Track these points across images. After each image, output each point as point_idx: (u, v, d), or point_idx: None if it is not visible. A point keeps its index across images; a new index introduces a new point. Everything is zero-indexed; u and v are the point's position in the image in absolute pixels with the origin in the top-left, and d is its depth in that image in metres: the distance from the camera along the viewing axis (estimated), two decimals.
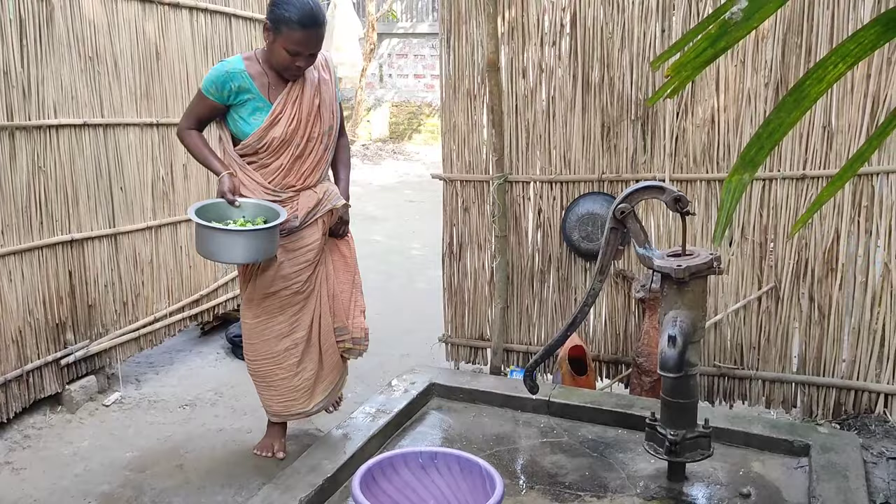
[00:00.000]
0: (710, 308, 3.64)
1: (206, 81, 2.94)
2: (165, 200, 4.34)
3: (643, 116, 3.74)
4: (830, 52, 1.14)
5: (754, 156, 1.30)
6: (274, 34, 2.82)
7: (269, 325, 3.12)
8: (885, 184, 3.28)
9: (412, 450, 2.43)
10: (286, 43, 2.79)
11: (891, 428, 3.30)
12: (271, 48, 2.85)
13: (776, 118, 1.26)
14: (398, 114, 16.89)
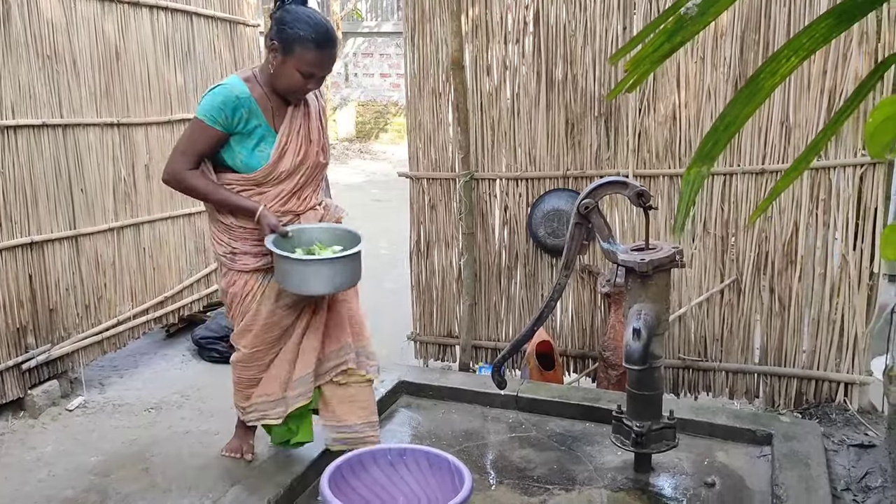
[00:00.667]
0: (674, 302, 3.69)
1: (210, 109, 2.56)
2: (127, 201, 4.28)
3: (606, 113, 3.78)
4: (784, 46, 1.16)
5: (711, 149, 1.32)
6: (284, 55, 2.55)
7: (268, 355, 2.85)
8: (842, 177, 3.35)
9: (381, 447, 2.43)
10: (299, 64, 2.54)
11: (851, 416, 3.38)
12: (280, 70, 2.57)
13: (731, 112, 1.28)
14: (364, 113, 16.84)
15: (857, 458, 2.99)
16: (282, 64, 2.56)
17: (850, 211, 3.36)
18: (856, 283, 3.39)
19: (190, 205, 4.76)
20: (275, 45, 2.55)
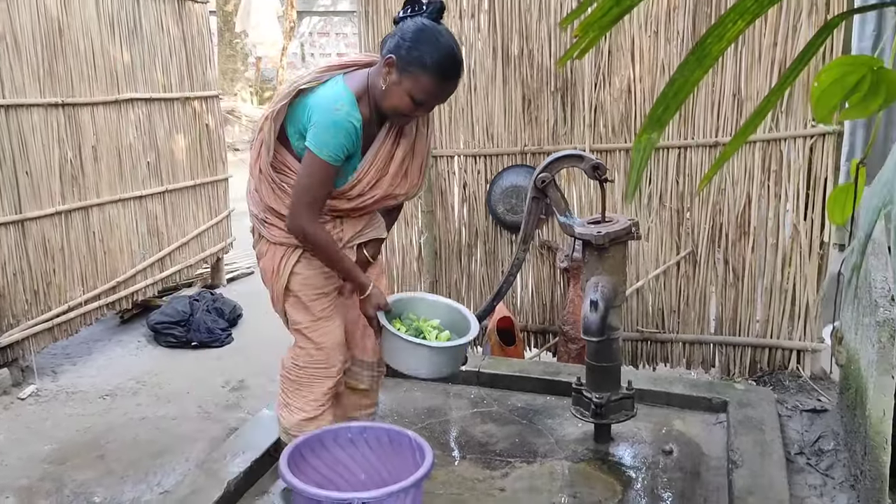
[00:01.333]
0: (631, 275, 3.73)
1: (335, 148, 2.19)
2: (75, 184, 4.16)
3: (563, 88, 3.77)
4: (730, 10, 1.16)
5: (661, 115, 1.32)
6: (400, 74, 2.17)
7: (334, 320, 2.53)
8: (793, 148, 3.40)
9: (341, 425, 2.41)
10: (414, 89, 2.18)
11: (804, 383, 3.46)
12: (391, 89, 2.20)
13: (680, 77, 1.28)
14: None
15: (809, 422, 3.06)
16: (395, 84, 2.19)
17: (801, 181, 3.41)
18: (807, 253, 3.45)
19: (140, 186, 4.67)
20: (392, 59, 2.17)
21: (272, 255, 2.42)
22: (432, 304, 2.58)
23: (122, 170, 4.53)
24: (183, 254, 5.15)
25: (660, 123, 1.33)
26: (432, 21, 2.20)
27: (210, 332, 4.61)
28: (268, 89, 15.76)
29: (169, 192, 4.97)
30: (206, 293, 5.11)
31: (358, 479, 2.38)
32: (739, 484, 2.46)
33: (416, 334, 2.42)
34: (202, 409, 3.61)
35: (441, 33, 2.20)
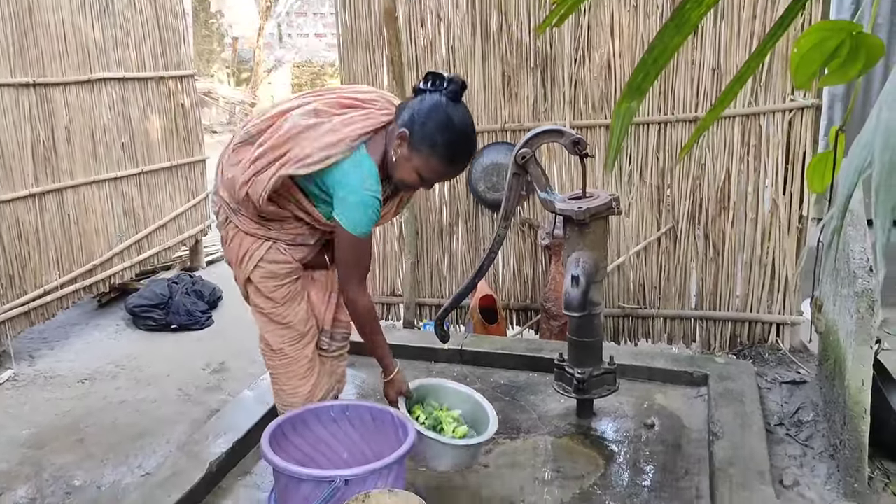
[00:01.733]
0: (612, 251, 3.73)
1: (367, 224, 2.17)
2: (48, 165, 4.09)
3: (542, 64, 3.75)
4: None
5: (641, 82, 1.30)
6: (411, 150, 2.14)
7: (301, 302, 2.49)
8: (772, 122, 3.41)
9: (323, 404, 2.40)
10: (423, 168, 2.16)
11: (783, 356, 3.49)
12: (401, 162, 2.17)
13: (660, 44, 1.26)
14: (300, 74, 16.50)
15: (789, 394, 3.09)
16: (405, 159, 2.17)
17: (780, 156, 3.42)
18: (786, 227, 3.47)
19: (115, 168, 4.60)
20: (405, 134, 2.13)
21: (238, 243, 2.37)
22: (454, 392, 2.57)
23: (96, 151, 4.46)
24: (160, 236, 5.09)
25: (640, 91, 1.31)
26: (451, 100, 2.15)
27: (190, 314, 4.57)
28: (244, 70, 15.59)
29: (145, 174, 4.90)
30: (185, 276, 5.06)
31: (340, 457, 2.37)
32: (720, 455, 2.48)
33: (435, 424, 2.41)
34: (182, 392, 3.58)
35: (457, 116, 2.15)
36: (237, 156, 2.27)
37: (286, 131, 2.14)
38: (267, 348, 2.48)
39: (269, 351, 2.48)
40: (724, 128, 3.50)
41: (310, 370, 2.50)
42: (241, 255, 2.37)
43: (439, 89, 2.16)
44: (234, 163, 2.28)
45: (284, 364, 2.47)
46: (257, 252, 2.34)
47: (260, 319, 2.46)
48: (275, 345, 2.45)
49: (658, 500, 2.38)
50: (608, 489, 2.46)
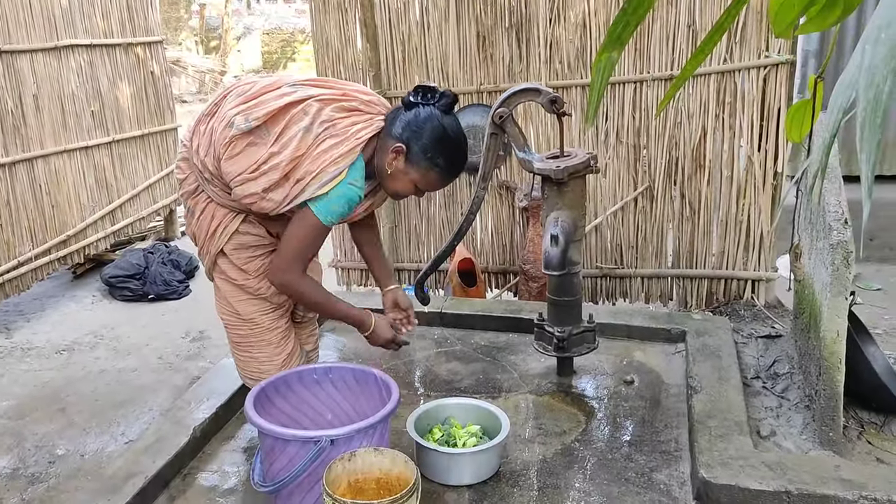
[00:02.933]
0: (590, 212, 3.75)
1: (338, 215, 2.18)
2: (17, 135, 4.01)
3: (517, 24, 3.72)
4: None
5: (621, 33, 1.29)
6: (409, 165, 2.18)
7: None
8: (747, 79, 3.42)
9: (306, 367, 2.40)
10: (421, 182, 2.22)
11: (758, 311, 3.54)
12: (397, 175, 2.21)
13: None
14: (270, 42, 16.24)
15: (765, 348, 3.14)
16: (402, 172, 2.20)
17: (755, 113, 3.44)
18: (761, 184, 3.50)
19: (86, 137, 4.52)
20: (402, 149, 2.15)
21: (211, 214, 2.32)
22: (462, 406, 2.52)
23: (65, 119, 4.38)
24: (134, 206, 5.03)
25: (619, 42, 1.30)
26: (444, 112, 2.18)
27: (167, 284, 4.53)
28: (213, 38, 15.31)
29: (116, 143, 4.83)
30: (160, 246, 5.01)
31: (324, 418, 2.38)
32: (699, 408, 2.53)
33: (449, 440, 2.37)
34: (163, 360, 3.57)
35: (453, 130, 2.19)
36: (234, 148, 2.15)
37: (295, 150, 2.10)
38: (236, 318, 2.43)
39: (239, 321, 2.43)
40: (699, 86, 3.51)
41: (285, 339, 2.49)
42: (213, 228, 2.33)
43: (431, 102, 2.18)
44: (231, 155, 2.16)
45: (257, 333, 2.44)
46: (231, 224, 2.31)
47: (230, 290, 2.40)
48: (246, 314, 2.41)
49: (638, 453, 2.42)
50: (590, 444, 2.50)
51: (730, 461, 2.20)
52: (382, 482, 1.95)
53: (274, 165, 2.11)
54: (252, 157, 2.13)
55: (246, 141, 2.13)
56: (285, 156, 2.10)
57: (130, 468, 2.32)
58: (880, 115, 0.69)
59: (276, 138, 2.13)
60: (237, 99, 2.20)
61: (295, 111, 2.14)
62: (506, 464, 2.38)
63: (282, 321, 2.48)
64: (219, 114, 2.23)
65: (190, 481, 2.39)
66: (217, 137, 2.18)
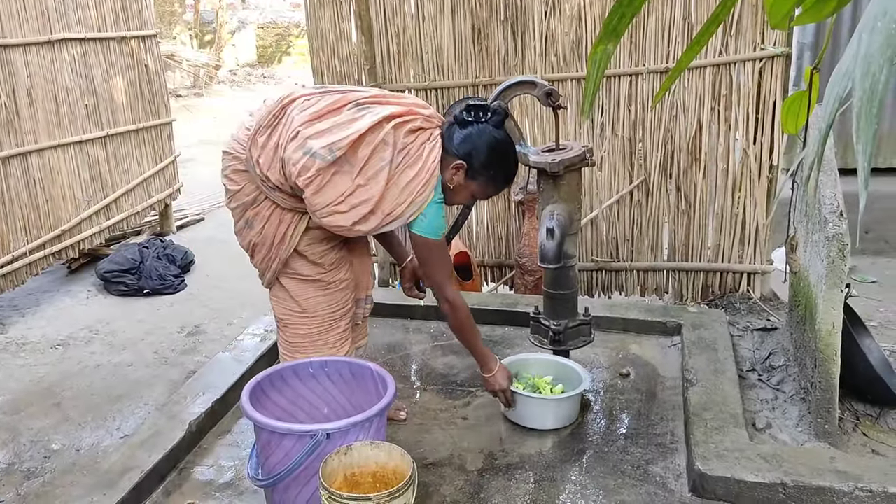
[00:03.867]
0: (585, 205, 3.75)
1: (440, 227, 2.29)
2: (11, 129, 3.99)
3: (513, 17, 3.71)
4: None
5: (616, 24, 1.29)
6: (469, 179, 2.30)
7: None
8: (742, 72, 3.42)
9: (301, 361, 2.39)
10: (480, 193, 2.37)
11: (754, 304, 3.55)
12: (459, 189, 2.31)
13: None
14: (265, 36, 16.19)
15: (760, 340, 3.15)
16: (463, 186, 2.32)
17: (751, 106, 3.44)
18: (756, 177, 3.50)
19: (80, 131, 4.50)
20: (462, 165, 2.26)
21: (278, 220, 2.29)
22: (543, 361, 2.77)
23: (59, 114, 4.36)
24: (129, 200, 5.01)
25: (615, 34, 1.30)
26: (496, 128, 2.30)
27: (162, 278, 4.52)
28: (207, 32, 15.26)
29: (110, 137, 4.81)
30: (155, 240, 5.00)
31: (321, 412, 2.38)
32: (694, 401, 2.53)
33: (533, 391, 2.61)
34: (159, 355, 3.56)
35: (507, 146, 2.34)
36: (322, 180, 2.12)
37: (383, 185, 2.14)
38: (299, 317, 2.40)
39: (303, 319, 2.39)
40: (694, 78, 3.51)
41: (342, 340, 2.47)
42: (283, 232, 2.30)
43: (482, 120, 2.29)
44: (318, 187, 2.14)
45: (317, 333, 2.42)
46: (301, 224, 2.30)
47: (300, 287, 2.37)
48: (312, 310, 2.39)
49: (634, 445, 2.43)
50: (586, 437, 2.50)
51: (725, 453, 2.20)
52: (379, 476, 1.95)
53: (364, 200, 2.15)
54: (339, 187, 2.14)
55: (332, 171, 2.12)
56: (374, 192, 2.14)
57: (126, 463, 2.32)
58: (876, 104, 0.69)
59: (361, 170, 2.14)
60: (303, 115, 2.17)
61: (373, 138, 2.14)
62: (502, 456, 2.38)
63: (343, 322, 2.47)
64: (282, 128, 2.19)
65: (186, 475, 2.39)
66: (290, 157, 2.13)
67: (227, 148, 2.33)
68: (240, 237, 2.38)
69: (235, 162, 2.29)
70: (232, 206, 2.35)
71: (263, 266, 2.37)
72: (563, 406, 2.57)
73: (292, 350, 2.45)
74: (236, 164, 2.29)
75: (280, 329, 2.46)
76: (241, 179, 2.29)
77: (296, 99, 2.24)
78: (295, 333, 2.42)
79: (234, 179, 2.30)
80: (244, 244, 2.37)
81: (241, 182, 2.29)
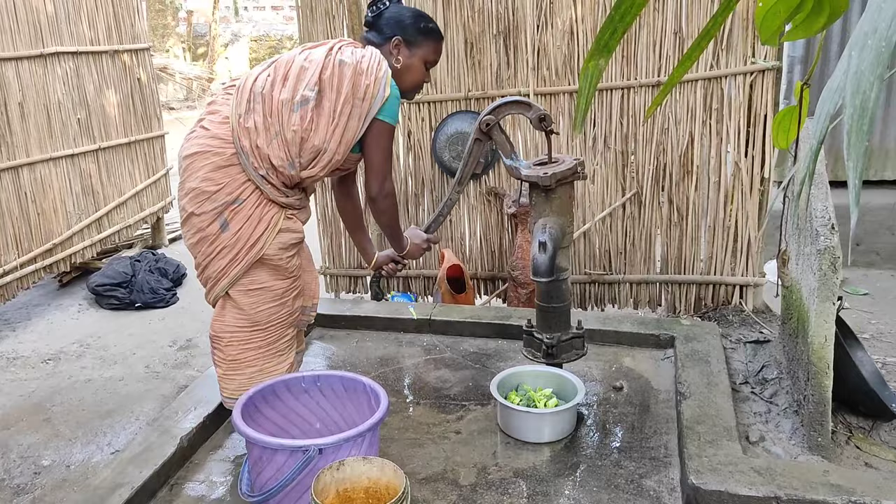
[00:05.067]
0: (578, 218, 3.76)
1: (396, 113, 2.46)
2: (2, 143, 3.97)
3: (505, 31, 3.73)
4: None
5: (608, 40, 1.30)
6: (412, 48, 2.52)
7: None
8: (733, 85, 3.44)
9: (294, 375, 2.38)
10: (426, 53, 2.55)
11: (746, 316, 3.55)
12: (408, 64, 2.52)
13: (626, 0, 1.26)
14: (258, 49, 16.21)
15: (753, 353, 3.15)
16: (410, 58, 2.53)
17: (742, 119, 3.46)
18: (748, 190, 3.52)
19: (72, 145, 4.49)
20: (399, 40, 2.50)
21: (258, 219, 2.33)
22: (538, 373, 2.77)
23: (51, 127, 4.35)
24: (121, 214, 5.00)
25: (607, 49, 1.31)
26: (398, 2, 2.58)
27: (154, 292, 4.50)
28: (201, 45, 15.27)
29: (102, 150, 4.80)
30: (147, 253, 4.98)
31: (313, 427, 2.37)
32: (688, 414, 2.53)
33: (529, 403, 2.63)
34: (150, 369, 3.54)
35: (415, 9, 2.61)
36: (311, 122, 2.31)
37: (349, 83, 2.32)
38: (248, 332, 2.40)
39: (252, 333, 2.40)
40: (686, 92, 3.52)
41: (289, 347, 2.51)
42: (259, 234, 2.33)
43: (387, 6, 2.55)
44: (310, 130, 2.32)
45: (269, 343, 2.44)
46: (279, 221, 2.37)
47: (254, 299, 2.38)
48: (262, 321, 2.40)
49: (628, 459, 2.42)
50: (579, 450, 2.49)
51: (719, 467, 2.20)
52: (371, 491, 1.93)
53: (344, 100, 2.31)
54: (325, 117, 2.32)
55: (319, 102, 2.31)
56: (346, 88, 2.32)
57: (117, 479, 2.30)
58: (867, 121, 0.69)
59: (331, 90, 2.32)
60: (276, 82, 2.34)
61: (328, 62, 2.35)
62: (496, 471, 2.37)
63: (290, 330, 2.52)
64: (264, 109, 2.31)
65: (177, 491, 2.36)
66: (288, 121, 2.30)
67: (200, 148, 2.33)
68: (202, 245, 2.37)
69: (216, 159, 2.31)
70: (202, 211, 2.32)
71: (221, 274, 2.37)
72: (557, 419, 2.56)
73: (239, 367, 2.43)
74: (217, 161, 2.30)
75: (220, 348, 2.44)
76: (222, 177, 2.30)
77: (256, 79, 2.37)
78: (245, 348, 2.42)
79: (213, 178, 2.30)
80: (207, 250, 2.36)
81: (221, 180, 2.31)
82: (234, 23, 16.56)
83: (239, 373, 2.44)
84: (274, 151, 2.30)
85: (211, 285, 2.42)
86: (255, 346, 2.43)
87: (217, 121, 2.35)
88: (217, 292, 2.41)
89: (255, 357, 2.43)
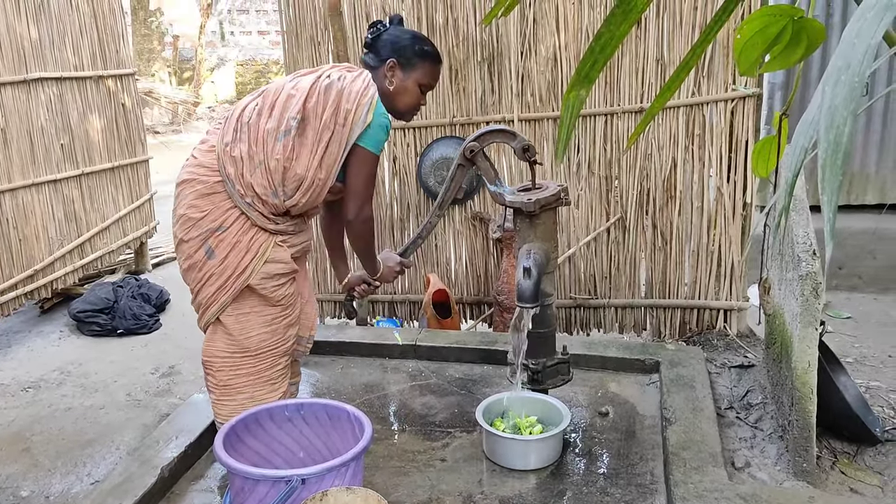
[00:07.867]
0: (562, 243, 3.77)
1: (381, 142, 2.43)
2: None
3: (489, 58, 3.76)
4: None
5: (589, 71, 1.31)
6: (407, 71, 2.49)
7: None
8: (715, 112, 3.48)
9: (277, 403, 2.36)
10: (421, 76, 2.51)
11: (731, 341, 3.56)
12: (402, 87, 2.50)
13: (607, 32, 1.27)
14: (244, 73, 16.24)
15: (738, 378, 3.16)
16: (404, 80, 2.51)
17: (724, 145, 3.49)
18: (731, 215, 3.54)
19: (55, 170, 4.46)
20: (394, 62, 2.49)
21: (246, 248, 2.34)
22: (524, 400, 2.74)
23: (34, 153, 4.32)
24: (104, 239, 4.96)
25: (588, 80, 1.32)
26: (398, 24, 2.59)
27: (136, 318, 4.46)
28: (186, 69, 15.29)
29: (86, 176, 4.77)
30: (130, 279, 4.94)
31: (296, 456, 2.34)
32: (673, 440, 2.52)
33: (514, 430, 2.63)
34: (131, 397, 3.50)
35: (415, 32, 2.61)
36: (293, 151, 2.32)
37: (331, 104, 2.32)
38: (240, 357, 2.40)
39: (244, 359, 2.40)
40: (668, 118, 3.56)
41: (282, 376, 2.50)
42: (246, 262, 2.34)
43: (386, 29, 2.55)
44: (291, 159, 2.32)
45: (260, 370, 2.42)
46: (267, 248, 2.37)
47: (244, 325, 2.38)
48: (253, 348, 2.40)
49: (614, 486, 2.41)
50: (565, 477, 2.48)
51: (705, 493, 2.19)
52: None
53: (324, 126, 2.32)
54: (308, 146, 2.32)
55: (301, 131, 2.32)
56: (327, 114, 2.32)
57: None
58: (840, 156, 0.70)
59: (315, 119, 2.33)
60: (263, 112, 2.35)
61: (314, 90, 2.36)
62: (481, 499, 2.35)
63: (284, 359, 2.50)
64: (250, 138, 2.32)
65: None
66: (272, 150, 2.31)
67: (188, 176, 2.38)
68: (192, 271, 2.39)
69: (200, 186, 2.34)
70: (189, 237, 2.35)
71: (210, 300, 2.38)
72: (543, 446, 2.55)
73: (230, 392, 2.43)
74: (201, 189, 2.34)
75: (211, 373, 2.44)
76: (206, 204, 2.33)
77: (245, 108, 2.39)
78: (236, 374, 2.42)
79: (198, 206, 2.34)
80: (197, 276, 2.38)
81: (205, 207, 2.33)
82: (221, 47, 16.59)
83: (230, 398, 2.43)
84: (257, 180, 2.31)
85: (202, 311, 2.44)
86: (245, 372, 2.42)
87: (204, 149, 2.40)
88: (208, 318, 2.42)
89: (245, 384, 2.43)
